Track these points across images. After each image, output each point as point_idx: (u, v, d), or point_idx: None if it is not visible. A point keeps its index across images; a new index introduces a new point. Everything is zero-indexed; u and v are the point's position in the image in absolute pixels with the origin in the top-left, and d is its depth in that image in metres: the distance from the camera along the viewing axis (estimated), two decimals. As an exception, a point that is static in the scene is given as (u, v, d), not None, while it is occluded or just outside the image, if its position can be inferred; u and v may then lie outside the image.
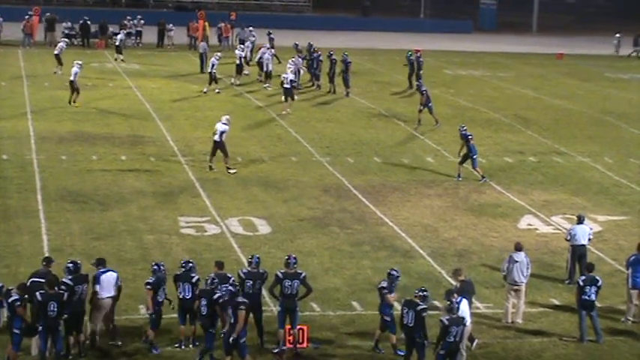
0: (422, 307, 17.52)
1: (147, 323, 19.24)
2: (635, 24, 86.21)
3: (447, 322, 17.03)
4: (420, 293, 17.65)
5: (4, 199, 27.22)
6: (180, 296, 18.41)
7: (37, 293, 17.29)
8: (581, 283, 19.54)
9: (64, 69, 47.86)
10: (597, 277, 19.67)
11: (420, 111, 39.07)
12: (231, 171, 30.72)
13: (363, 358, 18.54)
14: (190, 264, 18.69)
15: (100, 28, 61.46)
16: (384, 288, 18.47)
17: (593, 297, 19.49)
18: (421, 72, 48.23)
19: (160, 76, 50.07)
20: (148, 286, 18.23)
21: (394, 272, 18.86)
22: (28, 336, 17.44)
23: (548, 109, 45.25)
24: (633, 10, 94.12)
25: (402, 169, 32.42)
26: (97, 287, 18.21)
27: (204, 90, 44.59)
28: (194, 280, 18.45)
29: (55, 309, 17.17)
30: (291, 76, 41.79)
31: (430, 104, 39.01)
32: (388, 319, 18.37)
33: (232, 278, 18.45)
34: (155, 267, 18.65)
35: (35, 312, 17.35)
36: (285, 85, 41.09)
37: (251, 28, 59.04)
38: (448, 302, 17.45)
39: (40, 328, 17.23)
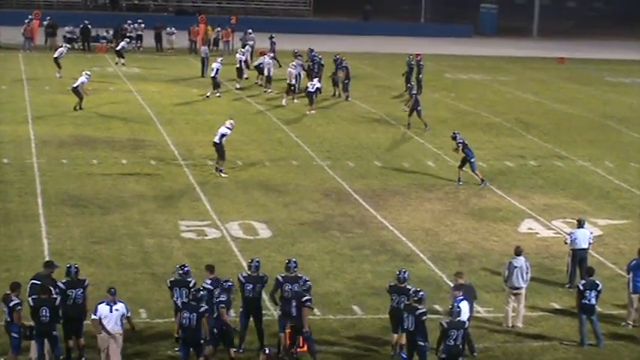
0: (421, 310, 17.54)
1: (148, 327, 19.28)
2: (635, 28, 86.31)
3: (446, 325, 17.04)
4: (416, 297, 17.69)
5: (5, 203, 27.23)
6: (178, 301, 18.33)
7: (30, 299, 17.27)
8: (582, 287, 19.53)
9: (63, 72, 48.02)
10: (597, 282, 19.67)
11: (410, 114, 39.19)
12: (223, 175, 30.72)
13: (363, 362, 18.59)
14: (186, 268, 18.63)
15: (115, 32, 61.49)
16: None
17: (593, 301, 19.49)
18: (421, 76, 48.23)
19: (160, 80, 50.11)
20: (222, 305, 17.64)
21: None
22: (27, 339, 17.41)
23: (549, 114, 45.26)
24: (633, 14, 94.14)
25: (403, 173, 32.42)
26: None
27: (208, 94, 44.61)
28: (191, 284, 18.40)
29: (48, 314, 17.09)
30: (317, 84, 42.72)
31: (419, 108, 39.08)
32: None
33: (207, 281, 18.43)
34: (228, 284, 18.05)
35: (31, 316, 17.32)
36: (310, 90, 42.09)
37: (250, 31, 59.04)
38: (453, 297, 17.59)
39: (34, 332, 17.21)
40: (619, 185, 32.19)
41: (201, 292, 17.76)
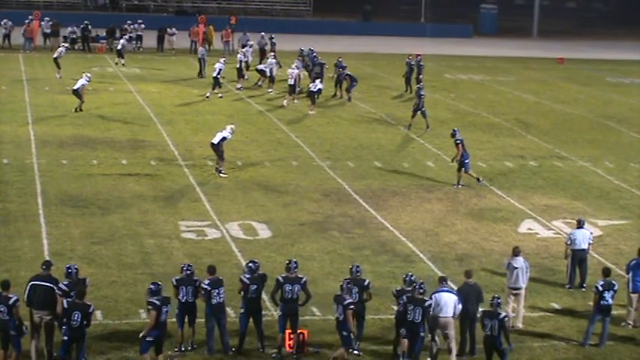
0: (428, 302, 17.96)
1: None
2: (635, 28, 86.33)
3: (483, 314, 17.66)
4: (422, 289, 17.99)
5: (5, 203, 27.23)
6: (183, 300, 18.40)
7: (64, 301, 17.30)
8: (600, 288, 19.44)
9: (63, 72, 48.05)
10: (614, 282, 19.65)
11: (413, 115, 39.14)
12: (222, 175, 30.75)
13: (363, 363, 18.60)
14: (192, 268, 18.74)
15: (109, 31, 61.42)
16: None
17: (610, 301, 19.46)
18: (422, 76, 48.25)
19: (160, 80, 50.12)
20: (351, 307, 18.03)
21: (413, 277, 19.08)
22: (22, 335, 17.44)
23: (548, 114, 45.28)
24: (633, 14, 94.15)
25: (403, 174, 32.43)
26: None
27: (207, 94, 44.59)
28: (197, 283, 18.47)
29: (79, 319, 17.12)
30: (319, 86, 42.99)
31: (424, 109, 39.06)
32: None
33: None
34: (349, 282, 18.59)
35: (62, 319, 17.37)
36: (312, 89, 42.43)
37: (263, 34, 58.72)
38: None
39: (65, 337, 17.24)
40: (619, 186, 32.19)
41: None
